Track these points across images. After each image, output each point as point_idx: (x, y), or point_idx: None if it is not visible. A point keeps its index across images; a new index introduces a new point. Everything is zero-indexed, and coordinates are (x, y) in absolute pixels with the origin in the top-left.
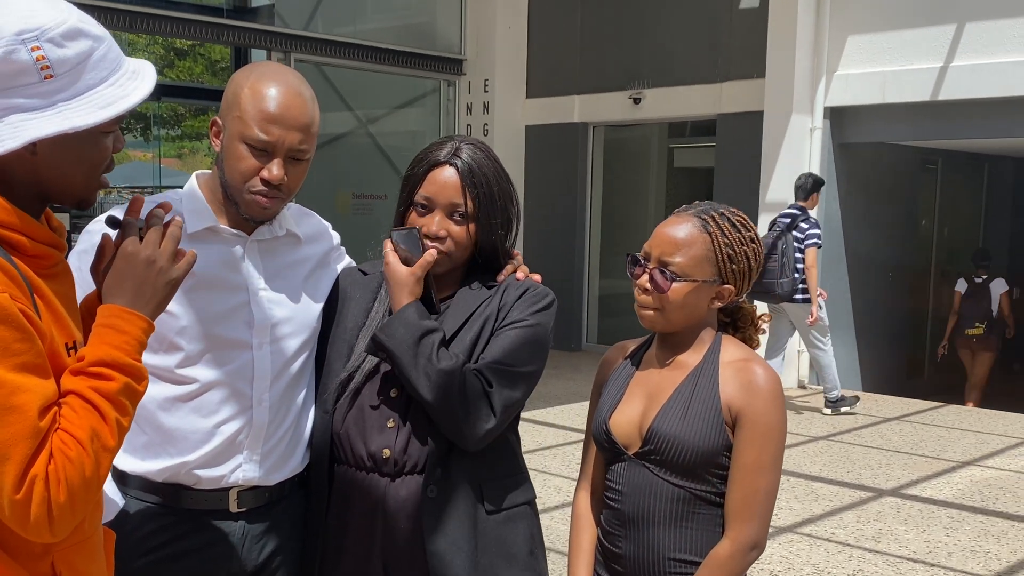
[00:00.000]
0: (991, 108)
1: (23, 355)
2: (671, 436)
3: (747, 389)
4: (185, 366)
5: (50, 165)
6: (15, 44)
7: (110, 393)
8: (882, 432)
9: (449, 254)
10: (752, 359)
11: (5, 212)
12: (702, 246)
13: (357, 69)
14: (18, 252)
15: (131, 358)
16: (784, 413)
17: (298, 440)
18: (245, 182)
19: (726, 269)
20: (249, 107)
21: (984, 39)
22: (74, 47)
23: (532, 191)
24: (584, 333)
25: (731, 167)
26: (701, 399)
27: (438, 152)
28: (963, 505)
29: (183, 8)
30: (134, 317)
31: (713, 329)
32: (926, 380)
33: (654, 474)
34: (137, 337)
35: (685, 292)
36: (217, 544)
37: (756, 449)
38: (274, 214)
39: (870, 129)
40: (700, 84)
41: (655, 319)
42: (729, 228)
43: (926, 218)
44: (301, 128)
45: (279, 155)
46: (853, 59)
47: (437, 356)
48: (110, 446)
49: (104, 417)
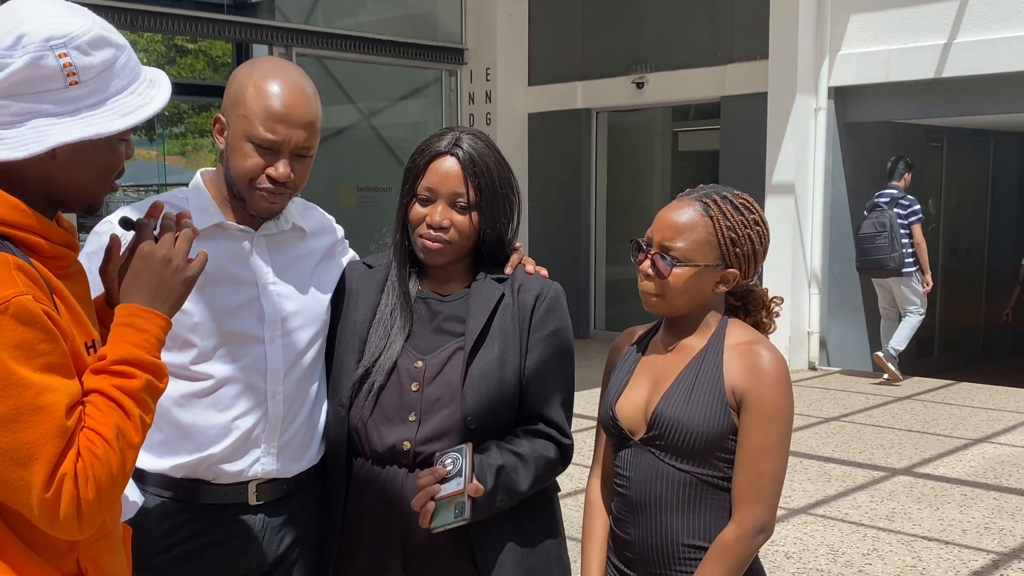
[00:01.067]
0: (995, 84)
1: (48, 355)
2: (675, 420)
3: (751, 372)
4: (199, 362)
5: (67, 170)
6: (43, 50)
7: (133, 391)
8: (893, 411)
9: (452, 243)
10: (757, 341)
11: (24, 215)
12: (703, 230)
13: (358, 62)
14: (36, 254)
15: (151, 355)
16: (790, 395)
17: (313, 431)
18: (251, 180)
19: (729, 253)
20: (254, 106)
21: (987, 14)
22: (99, 55)
23: (536, 179)
24: (592, 320)
25: (736, 150)
26: (705, 382)
27: (439, 143)
28: (976, 482)
29: (184, 5)
30: (152, 315)
31: (719, 313)
32: (936, 359)
33: (660, 459)
34: (156, 335)
35: (686, 277)
36: (237, 537)
37: (761, 432)
38: (280, 210)
39: (874, 108)
40: (703, 67)
41: (658, 304)
42: (731, 211)
43: (932, 196)
44: (306, 126)
45: (285, 153)
46: (856, 38)
47: (514, 481)
48: (135, 442)
49: (128, 414)
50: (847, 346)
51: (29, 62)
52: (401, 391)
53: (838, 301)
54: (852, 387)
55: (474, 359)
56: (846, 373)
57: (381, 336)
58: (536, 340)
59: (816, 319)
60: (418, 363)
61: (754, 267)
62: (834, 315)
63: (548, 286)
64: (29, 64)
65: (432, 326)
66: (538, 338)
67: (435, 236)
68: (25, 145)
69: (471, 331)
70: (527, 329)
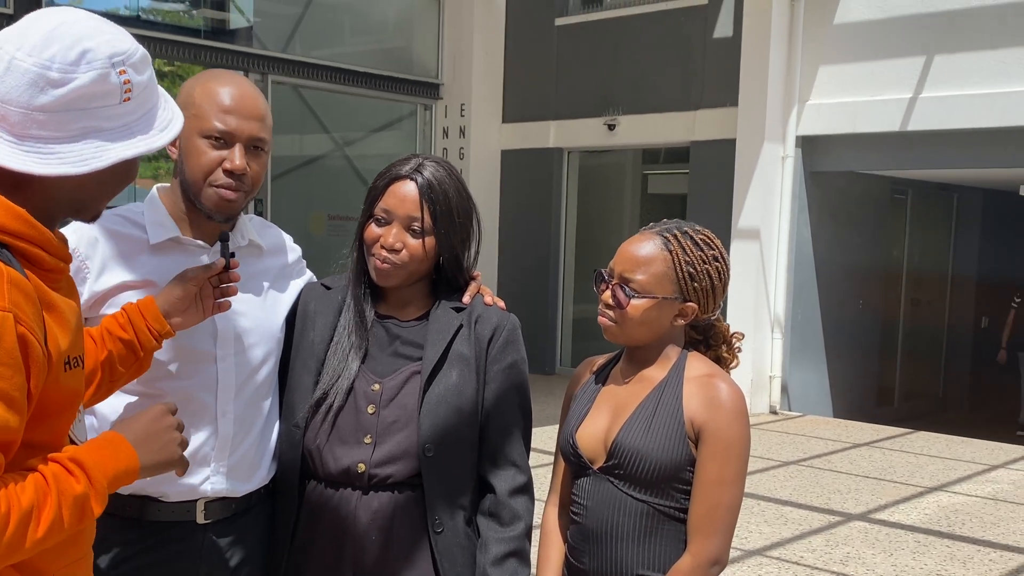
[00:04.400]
0: (957, 139)
1: (1, 380)
2: (634, 450)
3: (710, 404)
4: (150, 379)
5: (98, 183)
6: (107, 67)
7: (67, 491)
8: (852, 457)
9: (403, 265)
10: (716, 375)
11: (27, 225)
12: (662, 264)
13: (334, 92)
14: (34, 265)
15: (104, 481)
16: (747, 429)
17: (264, 451)
18: (207, 176)
19: (687, 287)
20: (204, 103)
21: (951, 72)
22: (147, 73)
23: (507, 215)
24: (558, 357)
25: (704, 194)
26: (665, 413)
27: (402, 167)
28: (930, 530)
29: (160, 28)
30: (133, 458)
31: (679, 346)
32: (895, 407)
33: (618, 488)
34: (120, 471)
35: (643, 308)
36: (185, 556)
37: (718, 464)
38: (237, 209)
39: (841, 158)
40: (674, 111)
41: (616, 333)
42: (691, 246)
43: (896, 246)
44: (257, 118)
45: (239, 144)
46: (825, 89)
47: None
48: (36, 537)
49: (49, 506)
50: (809, 391)
51: (96, 78)
52: (357, 413)
53: (801, 346)
54: (812, 432)
55: (431, 385)
56: (806, 418)
57: (340, 358)
58: (494, 372)
59: (779, 363)
60: (375, 386)
61: (713, 302)
62: (796, 360)
63: (506, 318)
64: (96, 80)
65: (390, 350)
66: (496, 370)
67: (385, 257)
68: (85, 161)
69: (429, 357)
70: (483, 360)
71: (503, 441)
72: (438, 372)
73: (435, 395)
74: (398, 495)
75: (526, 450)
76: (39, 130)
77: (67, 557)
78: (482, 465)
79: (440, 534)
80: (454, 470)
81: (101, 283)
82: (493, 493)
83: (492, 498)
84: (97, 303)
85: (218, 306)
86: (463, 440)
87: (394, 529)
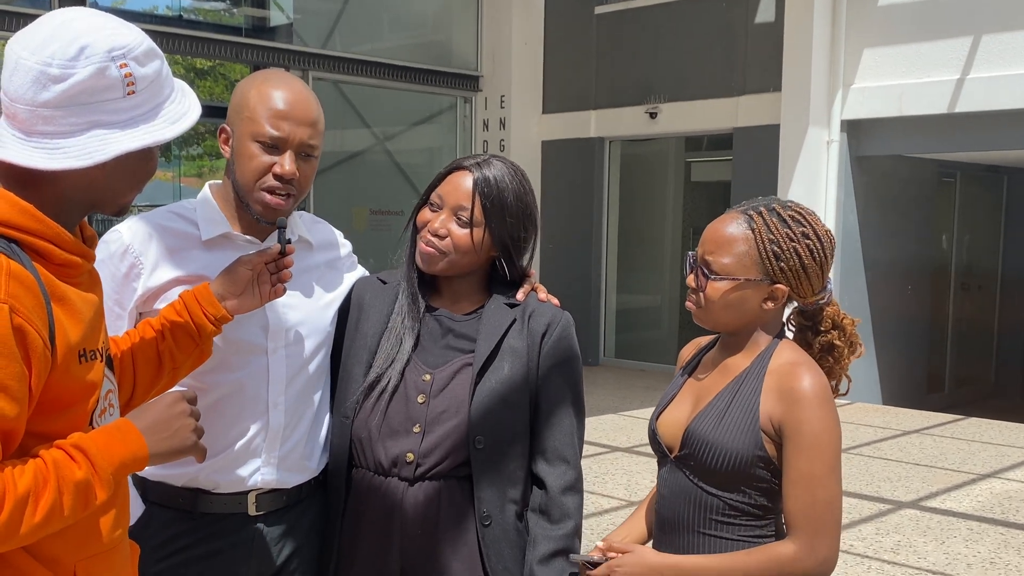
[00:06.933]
0: (1007, 120)
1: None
2: (705, 441)
3: (788, 397)
4: (201, 371)
5: (110, 177)
6: (107, 61)
7: (68, 477)
8: (902, 445)
9: (446, 252)
10: (800, 363)
11: (35, 220)
12: (744, 243)
13: (374, 86)
14: (44, 259)
15: (110, 469)
16: (832, 419)
17: (315, 443)
18: (257, 180)
19: (773, 267)
20: (258, 106)
21: (1000, 51)
22: (152, 66)
23: (548, 206)
24: (602, 348)
25: (748, 181)
26: (740, 405)
27: (468, 159)
28: (983, 517)
29: (203, 27)
30: (141, 444)
31: (770, 332)
32: (946, 394)
33: (690, 480)
34: (128, 458)
35: (724, 291)
36: (236, 548)
37: (805, 460)
38: (286, 213)
39: (887, 142)
40: (716, 98)
41: (701, 317)
42: (776, 223)
43: (945, 231)
44: (310, 123)
45: (290, 150)
46: (869, 72)
47: None
48: (34, 521)
49: (48, 491)
50: (857, 378)
51: (94, 72)
52: (407, 402)
53: None
54: (861, 419)
55: (482, 377)
56: (855, 405)
57: (393, 343)
58: (546, 368)
59: None
60: (426, 376)
61: (808, 283)
62: None
63: (560, 315)
64: (94, 74)
65: (442, 342)
66: (548, 366)
67: (429, 240)
68: (89, 154)
69: (481, 350)
70: (536, 354)
71: (555, 436)
72: (490, 365)
73: (486, 387)
74: (445, 486)
75: (579, 447)
76: (44, 126)
77: (88, 549)
78: (533, 460)
79: (488, 527)
80: (504, 463)
81: (155, 279)
82: (544, 489)
83: (543, 494)
84: (151, 298)
85: (274, 291)
86: (514, 433)
87: (441, 520)
